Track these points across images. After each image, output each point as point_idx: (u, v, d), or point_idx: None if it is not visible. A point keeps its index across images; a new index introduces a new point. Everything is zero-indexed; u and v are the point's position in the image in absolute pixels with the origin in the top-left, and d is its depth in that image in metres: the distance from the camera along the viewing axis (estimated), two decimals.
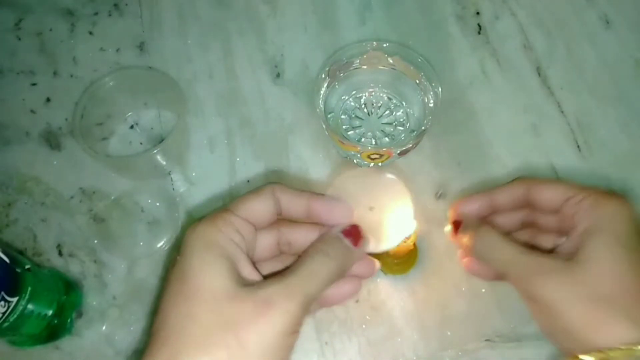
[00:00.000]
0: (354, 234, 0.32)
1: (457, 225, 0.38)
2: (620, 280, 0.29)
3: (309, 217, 0.33)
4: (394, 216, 0.34)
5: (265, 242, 0.33)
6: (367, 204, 0.34)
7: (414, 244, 0.46)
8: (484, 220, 0.38)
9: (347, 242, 0.32)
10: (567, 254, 0.31)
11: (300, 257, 0.31)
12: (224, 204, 0.32)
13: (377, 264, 0.35)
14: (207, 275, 0.28)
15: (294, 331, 0.28)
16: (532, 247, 0.36)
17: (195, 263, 0.28)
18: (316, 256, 0.30)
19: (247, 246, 0.30)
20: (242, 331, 0.26)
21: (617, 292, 0.29)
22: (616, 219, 0.31)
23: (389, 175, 0.35)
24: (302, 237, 0.33)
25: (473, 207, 0.38)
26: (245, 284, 0.28)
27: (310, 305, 0.29)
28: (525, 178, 0.37)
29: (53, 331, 0.45)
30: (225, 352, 0.26)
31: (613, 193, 0.33)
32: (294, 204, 0.33)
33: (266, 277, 0.30)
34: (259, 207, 0.31)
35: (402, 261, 0.47)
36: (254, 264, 0.31)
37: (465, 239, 0.37)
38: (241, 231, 0.30)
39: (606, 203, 0.32)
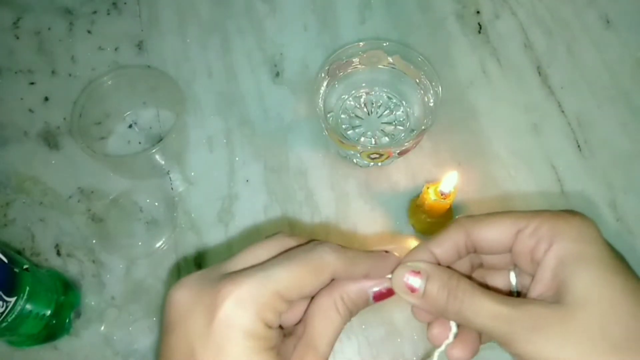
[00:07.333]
0: (387, 297, 0.32)
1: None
2: (629, 319, 0.24)
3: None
4: None
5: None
6: None
7: (451, 206, 0.45)
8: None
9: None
10: (548, 297, 0.26)
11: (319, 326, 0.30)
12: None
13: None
14: None
15: None
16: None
17: None
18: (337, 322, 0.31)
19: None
20: None
21: (631, 335, 0.24)
22: (590, 242, 0.26)
23: None
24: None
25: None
26: None
27: None
28: (463, 218, 0.30)
29: (51, 331, 0.45)
30: None
31: (567, 212, 0.27)
32: (351, 280, 0.31)
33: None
34: (309, 288, 0.27)
35: (435, 221, 0.46)
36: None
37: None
38: (280, 310, 0.26)
39: (569, 227, 0.26)
